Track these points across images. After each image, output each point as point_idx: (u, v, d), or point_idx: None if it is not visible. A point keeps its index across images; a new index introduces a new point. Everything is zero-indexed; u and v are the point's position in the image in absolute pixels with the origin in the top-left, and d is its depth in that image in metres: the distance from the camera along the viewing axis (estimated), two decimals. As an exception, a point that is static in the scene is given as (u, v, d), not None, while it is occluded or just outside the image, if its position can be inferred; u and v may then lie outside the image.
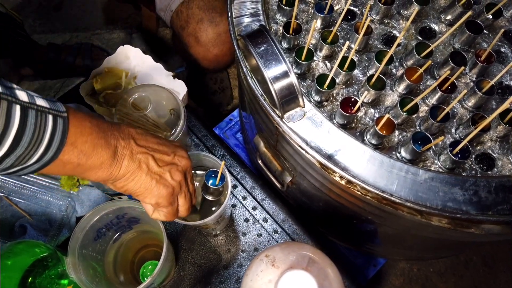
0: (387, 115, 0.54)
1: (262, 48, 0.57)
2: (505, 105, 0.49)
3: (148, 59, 0.85)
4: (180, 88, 0.82)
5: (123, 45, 0.86)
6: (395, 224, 0.61)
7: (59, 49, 1.30)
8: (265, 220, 0.77)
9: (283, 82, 0.55)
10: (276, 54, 0.56)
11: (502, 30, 0.59)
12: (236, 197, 0.79)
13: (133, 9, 1.45)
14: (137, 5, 1.25)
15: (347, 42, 0.56)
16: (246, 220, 0.77)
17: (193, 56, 0.94)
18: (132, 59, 0.87)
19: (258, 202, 0.78)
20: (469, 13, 0.59)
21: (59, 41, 1.50)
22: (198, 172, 0.66)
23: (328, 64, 0.65)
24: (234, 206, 0.78)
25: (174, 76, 0.83)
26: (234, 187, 0.79)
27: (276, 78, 0.55)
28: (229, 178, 0.61)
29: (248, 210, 0.78)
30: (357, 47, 0.64)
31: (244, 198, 0.79)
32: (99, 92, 0.83)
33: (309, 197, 0.73)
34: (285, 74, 0.55)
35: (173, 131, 0.63)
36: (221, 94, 1.27)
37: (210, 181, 0.60)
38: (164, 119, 0.71)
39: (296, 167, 0.66)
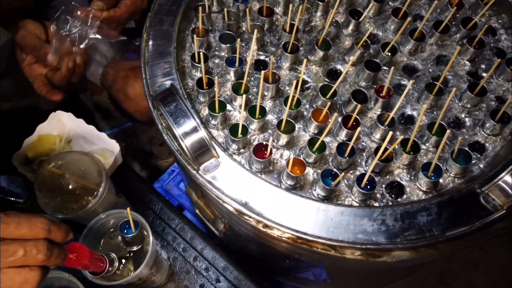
0: (292, 157, 0.57)
1: (172, 106, 0.60)
2: (389, 137, 0.53)
3: (81, 122, 0.87)
4: (113, 147, 0.84)
5: (54, 111, 0.88)
6: (319, 260, 0.63)
7: (6, 115, 1.31)
8: (206, 270, 0.77)
9: (194, 137, 0.58)
10: (185, 111, 0.59)
11: (393, 67, 0.64)
12: (176, 249, 0.79)
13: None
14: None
15: (244, 96, 0.60)
16: (188, 272, 0.77)
17: (127, 111, 0.97)
18: (66, 123, 0.89)
19: (199, 252, 0.78)
20: (353, 58, 0.65)
21: (7, 107, 1.50)
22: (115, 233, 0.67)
23: (244, 113, 0.69)
24: (175, 259, 0.78)
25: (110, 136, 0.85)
26: (174, 239, 0.79)
27: (187, 134, 0.58)
28: (143, 220, 0.62)
29: (189, 262, 0.78)
30: (262, 95, 0.68)
31: (184, 249, 0.79)
32: (32, 160, 0.84)
33: (243, 241, 0.74)
34: (195, 130, 0.58)
35: (95, 194, 0.64)
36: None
37: (126, 231, 0.62)
38: (93, 182, 0.72)
39: (223, 214, 0.67)
